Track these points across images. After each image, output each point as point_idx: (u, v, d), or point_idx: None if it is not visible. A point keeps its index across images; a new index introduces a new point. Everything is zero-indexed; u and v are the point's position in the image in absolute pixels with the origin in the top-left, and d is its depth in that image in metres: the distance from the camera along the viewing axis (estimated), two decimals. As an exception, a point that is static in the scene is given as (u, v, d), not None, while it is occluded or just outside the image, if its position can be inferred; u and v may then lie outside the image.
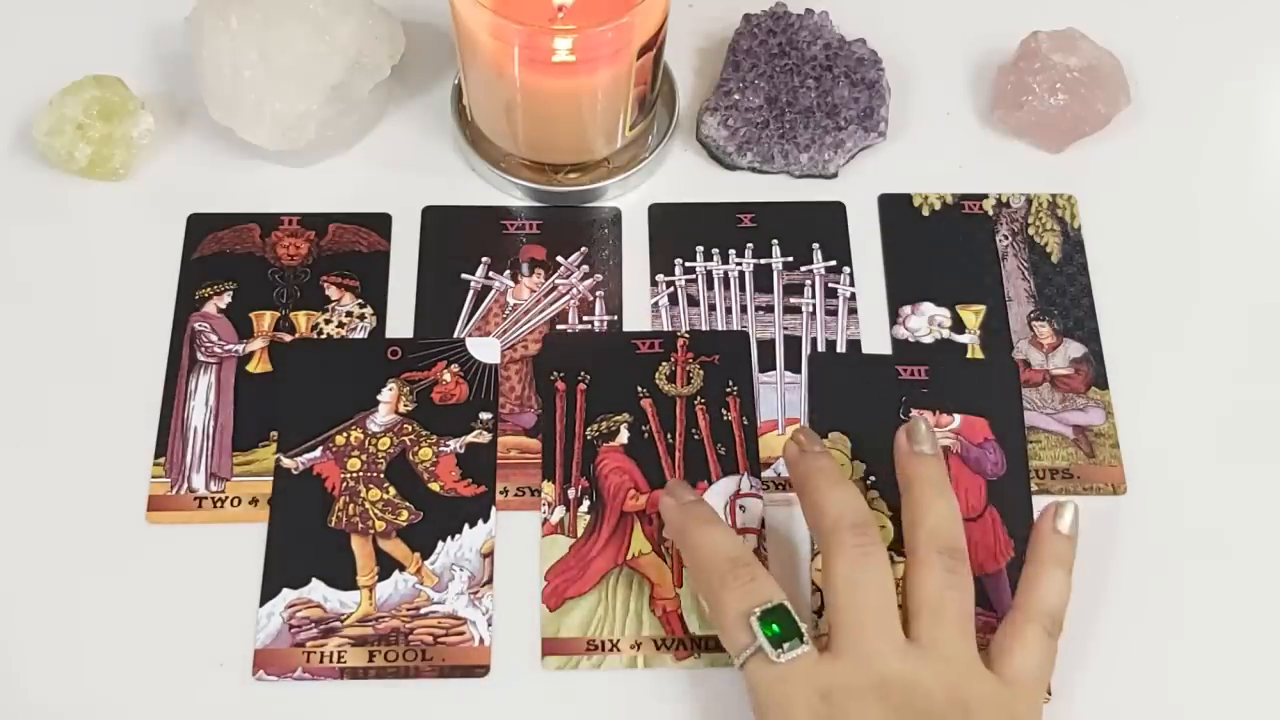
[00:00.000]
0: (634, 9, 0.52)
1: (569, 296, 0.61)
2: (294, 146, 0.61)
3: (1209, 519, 0.56)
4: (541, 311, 0.60)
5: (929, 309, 0.60)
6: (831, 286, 0.61)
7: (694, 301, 0.60)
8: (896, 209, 0.63)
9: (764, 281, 0.61)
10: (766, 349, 0.59)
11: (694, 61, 0.67)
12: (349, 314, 0.60)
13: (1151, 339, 0.60)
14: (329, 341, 0.59)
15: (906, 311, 0.60)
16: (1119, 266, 0.61)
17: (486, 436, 0.57)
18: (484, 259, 0.61)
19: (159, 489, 0.55)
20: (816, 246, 0.62)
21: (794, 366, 0.59)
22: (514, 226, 0.62)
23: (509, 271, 0.61)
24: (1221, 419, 0.58)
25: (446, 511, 0.55)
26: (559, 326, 0.60)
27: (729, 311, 0.60)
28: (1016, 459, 0.57)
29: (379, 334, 0.59)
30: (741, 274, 0.61)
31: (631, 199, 0.63)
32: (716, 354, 0.59)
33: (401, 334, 0.59)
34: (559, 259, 0.61)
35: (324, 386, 0.58)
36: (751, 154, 0.63)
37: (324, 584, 0.53)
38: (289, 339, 0.59)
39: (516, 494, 0.56)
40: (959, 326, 0.60)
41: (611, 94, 0.57)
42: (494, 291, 0.61)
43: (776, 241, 0.62)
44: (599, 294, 0.61)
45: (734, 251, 0.62)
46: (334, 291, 0.60)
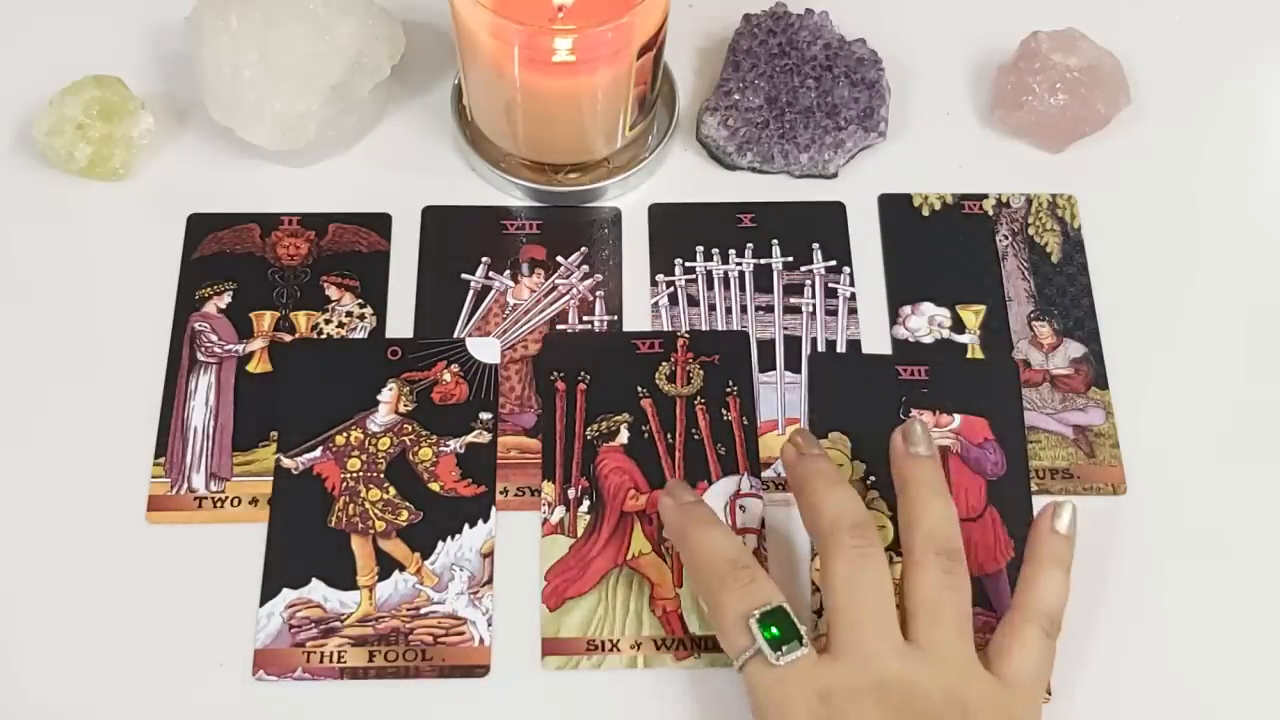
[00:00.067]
0: (634, 9, 0.52)
1: (569, 296, 0.61)
2: (294, 146, 0.61)
3: (1209, 519, 0.56)
4: (541, 311, 0.60)
5: (929, 309, 0.60)
6: (831, 286, 0.61)
7: (694, 301, 0.60)
8: (896, 209, 0.63)
9: (764, 281, 0.61)
10: (766, 349, 0.59)
11: (694, 61, 0.67)
12: (349, 314, 0.60)
13: (1151, 339, 0.60)
14: (329, 341, 0.59)
15: (906, 311, 0.60)
16: (1119, 266, 0.61)
17: (486, 436, 0.57)
18: (484, 259, 0.61)
19: (159, 489, 0.55)
20: (816, 246, 0.62)
21: (794, 366, 0.59)
22: (514, 226, 0.62)
23: (509, 271, 0.61)
24: (1221, 419, 0.58)
25: (446, 511, 0.55)
26: (559, 326, 0.60)
27: (729, 311, 0.60)
28: (1016, 459, 0.57)
29: (379, 334, 0.59)
30: (741, 274, 0.61)
31: (631, 199, 0.63)
32: (716, 354, 0.59)
33: (401, 334, 0.59)
34: (559, 259, 0.61)
35: (324, 386, 0.58)
36: (751, 154, 0.63)
37: (324, 584, 0.53)
38: (289, 339, 0.59)
39: (516, 494, 0.56)
40: (959, 326, 0.60)
41: (611, 94, 0.57)
42: (494, 291, 0.61)
43: (776, 241, 0.62)
44: (599, 294, 0.61)
45: (734, 251, 0.62)
46: (334, 291, 0.60)
